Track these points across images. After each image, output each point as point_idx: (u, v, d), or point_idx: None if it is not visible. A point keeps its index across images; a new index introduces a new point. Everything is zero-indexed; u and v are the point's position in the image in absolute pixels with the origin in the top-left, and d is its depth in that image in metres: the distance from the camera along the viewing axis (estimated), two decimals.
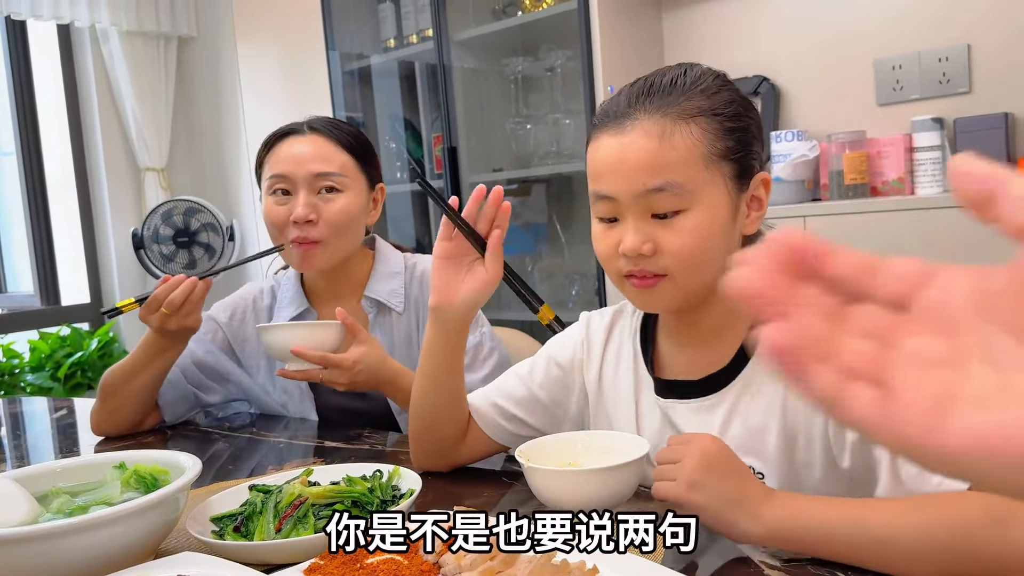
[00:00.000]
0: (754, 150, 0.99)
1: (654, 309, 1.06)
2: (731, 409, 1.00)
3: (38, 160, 3.85)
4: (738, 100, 1.00)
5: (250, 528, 0.91)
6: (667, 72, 0.99)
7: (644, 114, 0.95)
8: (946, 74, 2.18)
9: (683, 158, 0.93)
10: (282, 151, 1.49)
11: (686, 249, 0.94)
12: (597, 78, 2.48)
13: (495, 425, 1.14)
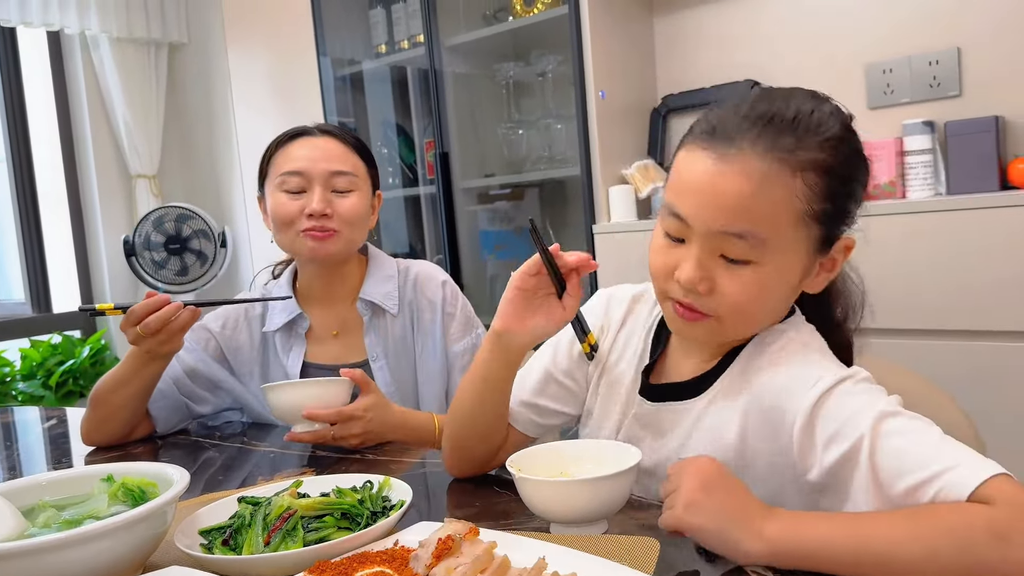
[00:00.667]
0: (846, 213, 0.92)
1: (689, 338, 1.02)
2: (703, 410, 1.00)
3: (29, 167, 3.84)
4: (854, 158, 0.91)
5: (239, 541, 0.90)
6: (792, 102, 0.90)
7: (751, 147, 0.87)
8: (936, 77, 2.19)
9: (774, 212, 0.87)
10: (295, 149, 1.53)
11: (742, 300, 0.90)
12: (588, 83, 2.48)
13: (530, 423, 1.15)
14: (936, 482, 0.77)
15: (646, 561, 0.83)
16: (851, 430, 0.84)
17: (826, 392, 0.88)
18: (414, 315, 1.58)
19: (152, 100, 3.86)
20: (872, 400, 0.86)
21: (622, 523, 0.94)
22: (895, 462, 0.81)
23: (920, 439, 0.82)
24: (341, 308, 1.59)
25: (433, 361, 1.57)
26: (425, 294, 1.58)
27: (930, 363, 1.93)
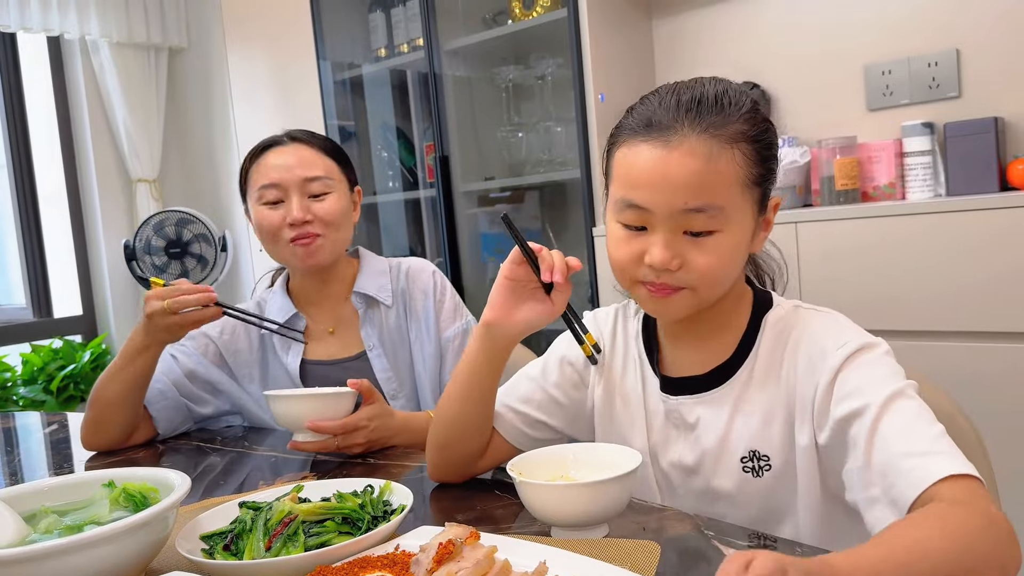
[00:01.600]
0: (773, 175, 1.02)
1: (667, 316, 1.06)
2: (737, 400, 1.03)
3: (29, 172, 3.84)
4: (769, 125, 1.02)
5: (240, 546, 0.91)
6: (706, 86, 0.99)
7: (691, 132, 0.95)
8: (936, 79, 2.19)
9: (724, 182, 0.95)
10: (268, 162, 1.56)
11: (713, 268, 0.97)
12: (588, 86, 2.48)
13: (514, 429, 1.16)
14: (921, 458, 0.83)
15: (647, 565, 0.83)
16: (866, 394, 0.90)
17: (852, 355, 0.94)
18: (407, 303, 1.62)
19: (152, 104, 3.87)
20: (892, 377, 0.92)
21: (623, 526, 0.94)
22: (894, 431, 0.87)
23: (922, 424, 0.87)
24: (336, 306, 1.63)
25: (428, 345, 1.60)
26: (417, 283, 1.63)
27: (930, 364, 1.93)
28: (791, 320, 1.04)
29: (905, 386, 0.91)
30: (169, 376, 1.54)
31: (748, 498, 1.02)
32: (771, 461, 1.00)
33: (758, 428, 1.01)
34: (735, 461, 1.02)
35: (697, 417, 1.05)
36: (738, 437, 1.02)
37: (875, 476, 0.86)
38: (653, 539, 0.89)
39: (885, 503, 0.84)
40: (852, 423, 0.90)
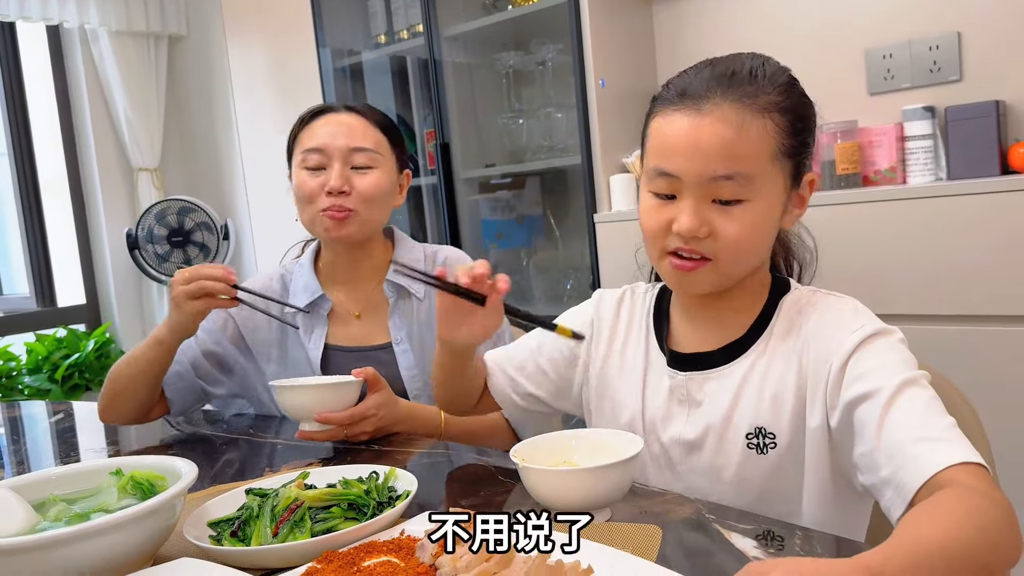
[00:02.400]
0: (808, 149, 1.02)
1: (690, 291, 1.06)
2: (747, 376, 1.04)
3: (30, 161, 3.84)
4: (807, 100, 1.03)
5: (247, 533, 0.92)
6: (745, 61, 1.01)
7: (724, 100, 0.96)
8: (937, 62, 2.19)
9: (755, 151, 0.96)
10: (318, 126, 1.52)
11: (739, 237, 0.97)
12: (588, 71, 2.48)
13: (504, 395, 1.24)
14: (930, 443, 0.83)
15: (649, 548, 0.84)
16: (878, 378, 0.91)
17: (867, 339, 0.95)
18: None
19: (152, 93, 3.86)
20: (905, 364, 0.93)
21: (625, 510, 0.96)
22: (905, 417, 0.87)
23: (933, 413, 0.88)
24: (365, 289, 1.58)
25: None
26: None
27: (931, 348, 1.93)
28: (807, 302, 1.05)
29: (919, 375, 0.91)
30: (186, 355, 1.51)
31: (750, 475, 1.02)
32: (777, 439, 1.01)
33: (767, 406, 1.01)
34: (740, 437, 1.02)
35: (704, 393, 1.06)
36: (744, 413, 1.03)
37: (883, 459, 0.86)
38: (655, 523, 0.90)
39: (893, 487, 0.85)
40: (863, 406, 0.91)
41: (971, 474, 0.80)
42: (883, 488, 0.86)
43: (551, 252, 3.03)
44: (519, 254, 3.08)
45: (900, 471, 0.84)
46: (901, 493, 0.83)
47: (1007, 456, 1.35)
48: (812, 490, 1.00)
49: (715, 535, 0.88)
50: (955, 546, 0.70)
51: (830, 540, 0.86)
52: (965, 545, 0.71)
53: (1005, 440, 1.71)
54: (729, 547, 0.84)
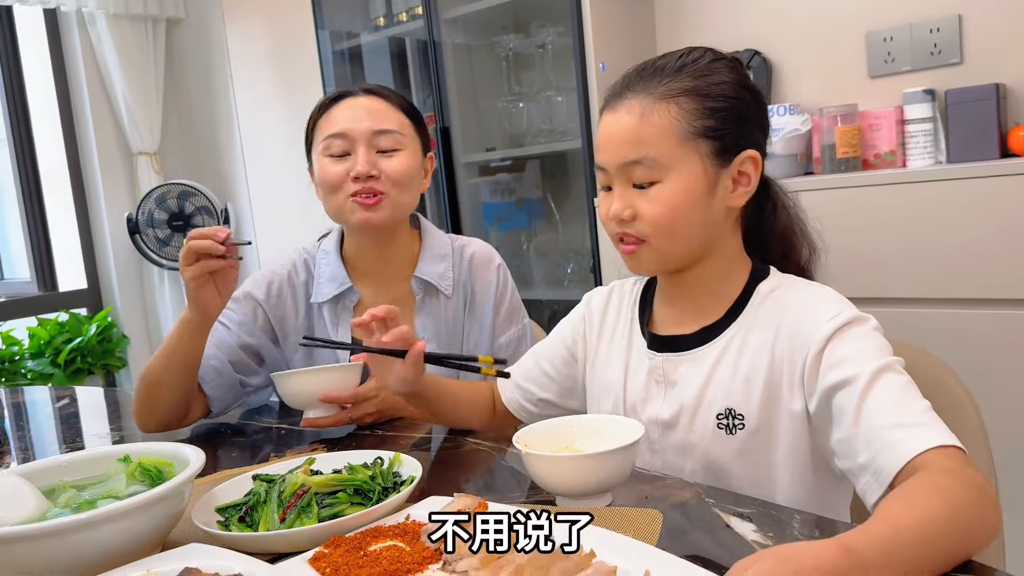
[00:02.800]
0: (740, 129, 1.05)
1: (639, 271, 1.14)
2: (720, 357, 1.07)
3: (30, 146, 3.84)
4: (731, 82, 1.05)
5: (255, 518, 0.93)
6: (672, 55, 1.08)
7: (633, 94, 1.05)
8: (937, 45, 2.18)
9: (658, 135, 1.02)
10: (338, 112, 1.47)
11: (658, 216, 1.04)
12: (589, 54, 2.47)
13: (515, 402, 1.30)
14: (907, 429, 0.86)
15: (650, 531, 0.85)
16: (855, 364, 0.93)
17: (842, 327, 0.98)
18: (468, 298, 1.54)
19: (151, 76, 3.85)
20: (881, 351, 0.95)
21: (626, 495, 0.97)
22: (882, 403, 0.90)
23: (909, 398, 0.90)
24: (392, 284, 1.53)
25: (480, 350, 1.53)
26: (480, 278, 1.55)
27: (929, 331, 1.94)
28: (783, 289, 1.07)
29: (893, 361, 0.94)
30: (223, 350, 1.45)
31: (718, 454, 1.06)
32: (745, 421, 1.04)
33: (738, 388, 1.05)
34: (711, 417, 1.06)
35: (679, 374, 1.10)
36: (716, 394, 1.06)
37: (861, 444, 0.89)
38: (655, 507, 0.92)
39: (871, 473, 0.87)
40: (840, 392, 0.94)
41: (947, 457, 0.82)
42: (860, 473, 0.89)
43: (551, 235, 3.04)
44: (519, 237, 3.08)
45: (878, 456, 0.87)
46: (879, 478, 0.86)
47: (1003, 440, 1.37)
48: (788, 472, 1.03)
49: (714, 519, 0.89)
50: (931, 528, 0.72)
51: (829, 524, 0.88)
52: (940, 526, 0.73)
53: (1002, 423, 1.73)
54: (728, 531, 0.86)
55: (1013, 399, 1.85)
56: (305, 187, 1.59)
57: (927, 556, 0.71)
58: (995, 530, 0.78)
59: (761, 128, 1.09)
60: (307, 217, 3.37)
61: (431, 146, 1.57)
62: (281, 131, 3.62)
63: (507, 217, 3.07)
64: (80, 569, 0.80)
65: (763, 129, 1.09)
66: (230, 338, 1.48)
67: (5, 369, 3.49)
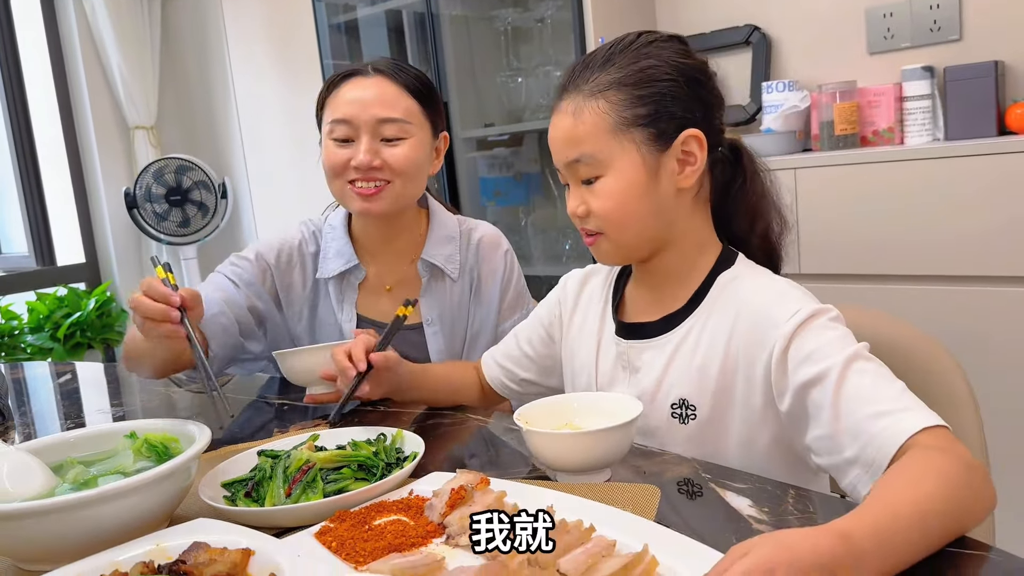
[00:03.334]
0: (677, 110, 1.04)
1: (605, 261, 1.16)
2: (678, 345, 1.09)
3: (26, 121, 3.82)
4: (662, 64, 1.04)
5: (261, 493, 0.95)
6: (604, 47, 1.08)
7: (567, 93, 1.07)
8: (937, 22, 2.18)
9: (590, 131, 1.04)
10: (345, 94, 1.43)
11: (606, 209, 1.06)
12: (588, 29, 2.46)
13: (498, 381, 1.35)
14: (890, 416, 0.86)
15: (647, 507, 0.87)
16: (823, 358, 0.93)
17: (804, 322, 0.97)
18: (474, 283, 1.53)
19: (147, 49, 3.82)
20: (845, 340, 0.96)
21: (624, 471, 0.99)
22: (859, 392, 0.90)
23: (884, 384, 0.91)
24: (399, 265, 1.53)
25: (485, 333, 1.54)
26: (488, 263, 1.54)
27: (924, 308, 1.96)
28: (741, 282, 1.07)
29: (860, 348, 0.94)
30: (232, 308, 1.43)
31: (671, 442, 1.09)
32: (697, 411, 1.06)
33: (693, 377, 1.06)
34: (666, 406, 1.09)
35: (642, 361, 1.12)
36: (671, 384, 1.08)
37: (846, 439, 0.89)
38: (653, 483, 0.93)
39: (861, 465, 0.87)
40: (814, 389, 0.93)
41: (935, 437, 0.83)
42: (847, 468, 0.89)
43: (549, 211, 3.04)
44: (517, 212, 3.09)
45: (866, 449, 0.86)
46: (870, 470, 0.85)
47: (996, 416, 1.39)
48: (739, 463, 1.03)
49: (711, 494, 0.91)
50: (929, 507, 0.73)
51: (822, 500, 0.89)
52: (939, 504, 0.73)
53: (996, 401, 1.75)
54: (725, 506, 0.87)
55: (1009, 375, 1.87)
56: (302, 160, 1.59)
57: (924, 537, 0.71)
58: (990, 505, 0.79)
59: (703, 103, 1.06)
60: (304, 190, 3.37)
61: (443, 123, 1.53)
62: (278, 105, 3.61)
63: (505, 192, 3.08)
64: (89, 544, 0.81)
65: (706, 104, 1.07)
66: (239, 297, 1.46)
67: (5, 344, 3.50)
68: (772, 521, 0.83)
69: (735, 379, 1.04)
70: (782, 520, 0.83)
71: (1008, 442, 1.83)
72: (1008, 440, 1.83)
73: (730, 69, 1.10)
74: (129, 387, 1.76)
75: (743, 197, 1.12)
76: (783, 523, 0.82)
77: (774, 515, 0.84)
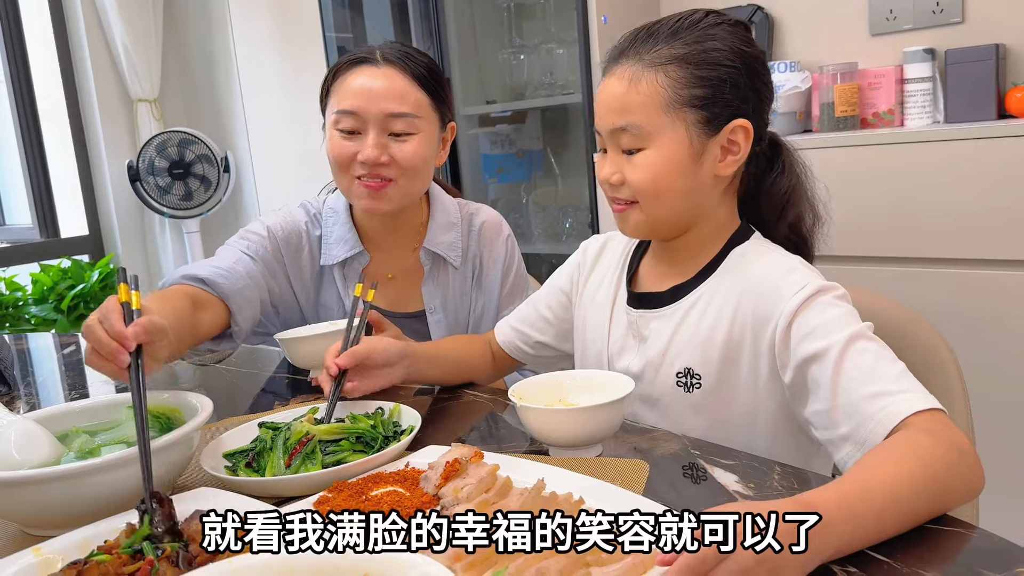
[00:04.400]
0: (732, 98, 1.04)
1: (628, 233, 1.15)
2: (684, 315, 1.10)
3: (29, 93, 3.82)
4: (726, 49, 1.03)
5: (261, 464, 0.97)
6: (671, 18, 1.07)
7: (626, 59, 1.05)
8: (939, 4, 2.18)
9: (644, 102, 1.03)
10: (353, 82, 1.38)
11: (642, 182, 1.05)
12: (591, 7, 2.45)
13: (512, 345, 1.35)
14: (887, 397, 0.87)
15: (636, 481, 0.90)
16: (826, 334, 0.95)
17: (809, 298, 0.99)
18: (476, 270, 1.53)
19: (150, 21, 3.81)
20: (849, 318, 0.97)
21: (615, 447, 1.01)
22: (858, 372, 0.91)
23: (884, 364, 0.92)
24: (401, 254, 1.52)
25: (486, 320, 1.55)
26: (489, 250, 1.54)
27: (924, 291, 1.98)
28: (752, 256, 1.09)
29: (863, 328, 0.95)
30: (254, 281, 1.40)
31: (676, 411, 1.11)
32: (702, 381, 1.08)
33: (698, 347, 1.08)
34: (671, 374, 1.10)
35: (650, 330, 1.13)
36: (677, 353, 1.10)
37: (841, 416, 0.91)
38: (643, 458, 0.96)
39: (853, 443, 0.89)
40: (814, 364, 0.95)
41: (928, 420, 0.84)
42: (841, 444, 0.91)
43: (551, 189, 3.05)
44: (518, 189, 3.10)
45: (860, 428, 0.88)
46: (863, 448, 0.87)
47: (984, 400, 1.41)
48: (744, 433, 1.06)
49: (699, 469, 0.93)
50: (905, 486, 0.74)
51: (806, 476, 0.92)
52: (915, 483, 0.74)
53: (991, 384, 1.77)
54: (712, 481, 0.90)
55: (1006, 358, 1.89)
56: (304, 134, 1.57)
57: (896, 513, 0.73)
58: (975, 491, 0.80)
59: (758, 95, 1.06)
60: (306, 165, 3.37)
61: (452, 113, 1.49)
62: (280, 79, 3.61)
63: (507, 169, 3.08)
64: (93, 511, 0.84)
65: (760, 96, 1.07)
66: (257, 272, 1.42)
67: (9, 315, 3.52)
68: (758, 496, 0.86)
69: (740, 350, 1.05)
70: (767, 496, 0.86)
71: (995, 423, 1.86)
72: (997, 422, 1.86)
73: None
74: None
75: (774, 189, 1.12)
76: (768, 498, 0.85)
77: (759, 490, 0.87)
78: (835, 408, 0.92)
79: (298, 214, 1.53)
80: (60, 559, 0.75)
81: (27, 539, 0.87)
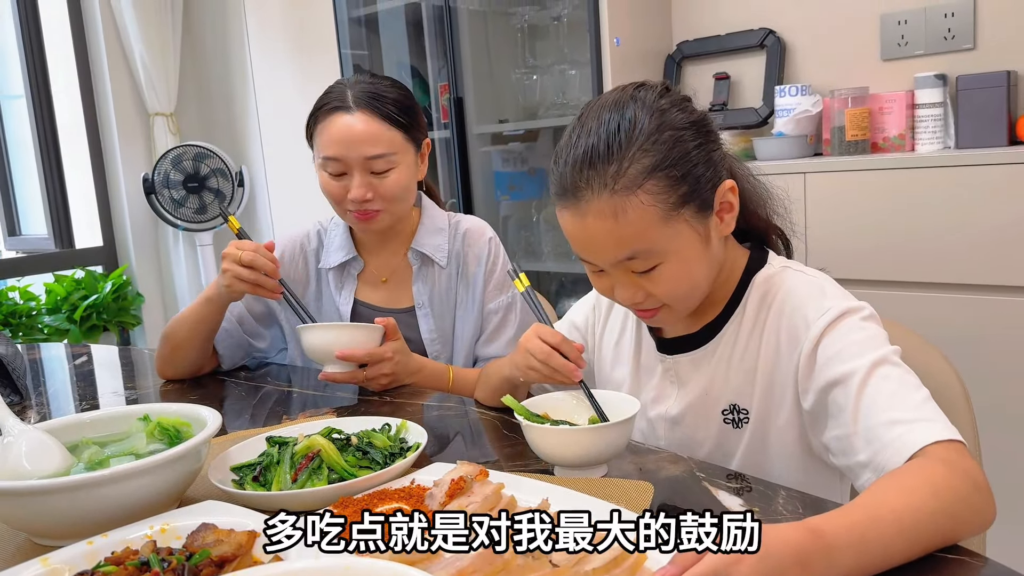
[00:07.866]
0: (707, 175, 0.99)
1: (663, 326, 1.14)
2: (722, 355, 1.09)
3: (48, 104, 3.87)
4: (677, 131, 0.98)
5: (268, 478, 0.98)
6: (600, 128, 0.98)
7: (593, 193, 0.96)
8: (951, 30, 2.18)
9: (640, 229, 0.96)
10: (332, 130, 1.51)
11: (672, 289, 1.02)
12: (603, 29, 2.48)
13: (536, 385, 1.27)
14: (905, 425, 0.86)
15: (641, 502, 0.90)
16: (850, 357, 0.94)
17: (834, 321, 0.98)
18: (460, 267, 1.65)
19: (168, 36, 3.86)
20: (876, 341, 0.96)
21: (621, 467, 1.01)
22: (880, 398, 0.90)
23: (906, 391, 0.91)
24: (392, 257, 1.66)
25: (471, 313, 1.63)
26: (473, 248, 1.65)
27: (933, 316, 1.97)
28: (776, 281, 1.07)
29: (889, 352, 0.94)
30: (233, 313, 1.61)
31: (728, 449, 1.09)
32: (750, 414, 1.06)
33: (740, 382, 1.07)
34: (717, 413, 1.09)
35: (689, 373, 1.12)
36: (720, 390, 1.08)
37: (861, 443, 0.90)
38: (648, 479, 0.96)
39: (873, 470, 0.88)
40: (836, 389, 0.94)
41: (946, 450, 0.83)
42: (860, 471, 0.90)
43: None
44: (529, 207, 3.11)
45: (879, 455, 0.87)
46: (880, 476, 0.86)
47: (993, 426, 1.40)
48: (781, 463, 1.06)
49: (704, 492, 0.93)
50: (913, 516, 0.73)
51: (812, 500, 0.92)
52: (924, 515, 0.74)
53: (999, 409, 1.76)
54: (716, 504, 0.90)
55: (1017, 387, 1.88)
56: None
57: (904, 543, 0.72)
58: (987, 523, 0.80)
59: (718, 149, 1.03)
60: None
61: (424, 133, 1.61)
62: (296, 96, 3.64)
63: (519, 186, 3.10)
64: (102, 522, 0.84)
65: (717, 145, 1.03)
66: (240, 302, 1.59)
67: (23, 324, 3.55)
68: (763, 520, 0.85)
69: (777, 378, 1.04)
70: (772, 519, 0.86)
71: (1005, 450, 1.84)
72: (1006, 449, 1.85)
73: (744, 72, 1.10)
74: (142, 370, 1.80)
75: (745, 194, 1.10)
76: (772, 522, 0.85)
77: (764, 514, 0.87)
78: (855, 434, 0.91)
79: (306, 227, 1.72)
80: (67, 569, 0.76)
81: (35, 549, 0.88)
